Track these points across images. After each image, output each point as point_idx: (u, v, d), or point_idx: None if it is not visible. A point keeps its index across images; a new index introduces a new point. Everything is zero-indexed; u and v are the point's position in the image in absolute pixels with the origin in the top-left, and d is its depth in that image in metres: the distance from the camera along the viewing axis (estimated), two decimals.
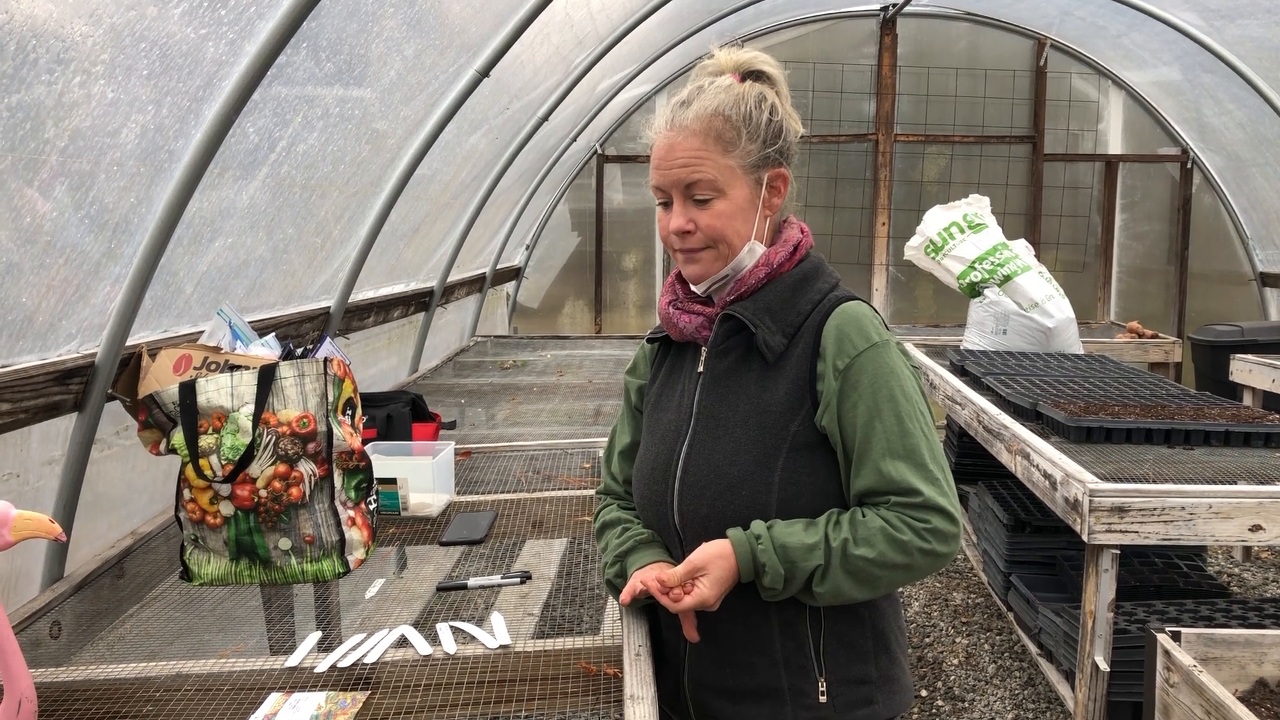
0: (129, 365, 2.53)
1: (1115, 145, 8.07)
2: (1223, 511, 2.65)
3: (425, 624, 1.99)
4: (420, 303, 5.38)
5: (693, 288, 1.74)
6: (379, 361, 4.90)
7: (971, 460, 4.84)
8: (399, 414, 3.20)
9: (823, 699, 1.66)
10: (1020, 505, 4.01)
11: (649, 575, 1.64)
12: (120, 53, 2.04)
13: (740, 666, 1.68)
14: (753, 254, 1.68)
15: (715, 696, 1.72)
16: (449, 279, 5.68)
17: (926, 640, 4.59)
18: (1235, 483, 2.77)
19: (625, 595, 1.68)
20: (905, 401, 1.60)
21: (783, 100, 1.71)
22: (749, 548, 1.58)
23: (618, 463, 1.90)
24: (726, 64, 1.70)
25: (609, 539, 1.82)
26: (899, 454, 1.58)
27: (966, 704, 3.99)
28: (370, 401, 3.29)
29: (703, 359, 1.73)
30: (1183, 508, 2.65)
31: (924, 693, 4.11)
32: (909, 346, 5.66)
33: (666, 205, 1.68)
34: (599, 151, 8.01)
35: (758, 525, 1.60)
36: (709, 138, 1.62)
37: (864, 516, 1.58)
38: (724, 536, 1.62)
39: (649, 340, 1.88)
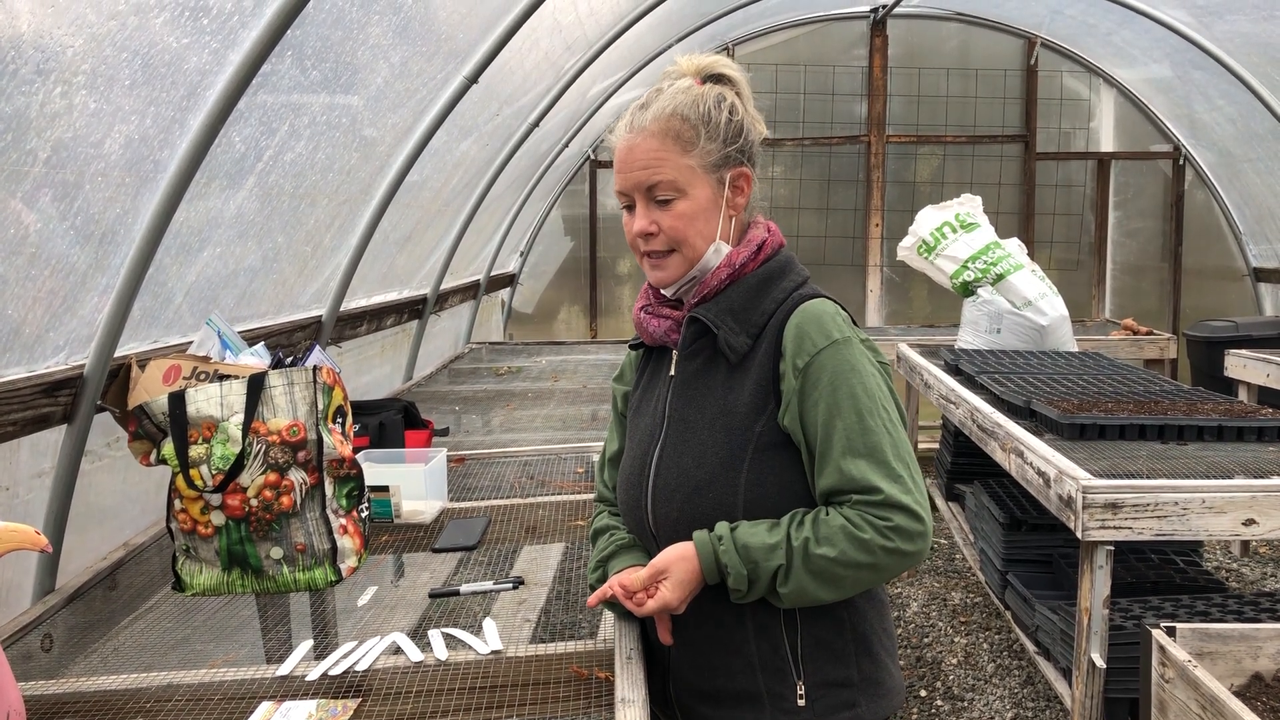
0: (118, 376, 2.52)
1: (1107, 143, 8.08)
2: (1216, 506, 2.65)
3: (419, 631, 1.99)
4: (414, 310, 5.37)
5: (662, 291, 1.76)
6: (372, 369, 4.89)
7: (967, 459, 4.84)
8: (391, 421, 3.20)
9: (801, 703, 1.64)
10: (1016, 504, 4.00)
11: (614, 580, 1.66)
12: (101, 63, 2.03)
13: (717, 670, 1.68)
14: (718, 254, 1.69)
15: (698, 700, 1.72)
16: (442, 286, 5.68)
17: (925, 640, 4.58)
18: (1229, 477, 2.77)
19: (592, 599, 1.70)
20: (866, 398, 1.59)
21: (744, 101, 1.71)
22: (711, 549, 1.58)
23: (608, 470, 1.92)
24: (687, 68, 1.71)
25: (600, 545, 1.84)
26: (860, 452, 1.56)
27: (966, 703, 3.99)
28: (362, 409, 3.29)
29: (673, 362, 1.74)
30: (1176, 503, 2.65)
31: (923, 693, 4.11)
32: (903, 347, 5.66)
33: (631, 209, 1.69)
34: (591, 157, 8.01)
35: (721, 526, 1.60)
36: (667, 138, 1.63)
37: (826, 515, 1.57)
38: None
39: (632, 347, 1.88)
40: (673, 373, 1.73)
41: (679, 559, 1.60)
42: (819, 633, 1.66)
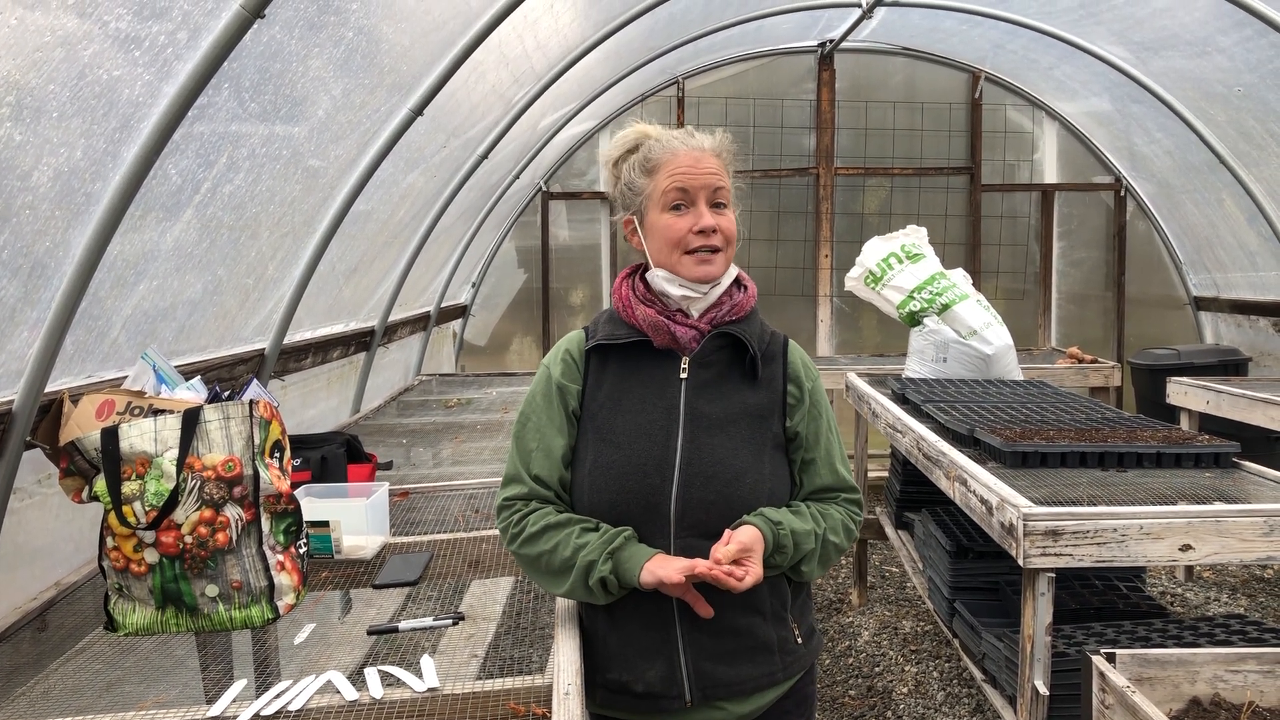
0: (50, 412, 2.47)
1: (1051, 175, 8.22)
2: (1154, 532, 2.68)
3: (360, 669, 1.95)
4: (361, 342, 5.32)
5: (692, 291, 1.94)
6: (318, 403, 4.83)
7: (915, 487, 4.86)
8: (333, 455, 3.16)
9: (799, 641, 2.01)
10: (963, 531, 4.03)
11: (700, 563, 1.78)
12: (27, 94, 2.00)
13: (740, 630, 1.93)
14: (730, 274, 1.99)
15: (715, 664, 1.91)
16: (391, 318, 5.64)
17: (876, 669, 4.58)
18: (1166, 503, 2.80)
19: (682, 577, 1.77)
20: (832, 418, 2.06)
21: None
22: (774, 532, 1.86)
23: (548, 466, 1.96)
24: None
25: (564, 539, 1.88)
26: (840, 460, 2.03)
27: None
28: (304, 443, 3.25)
29: (685, 366, 1.95)
30: (1115, 529, 2.68)
31: None
32: (851, 376, 5.68)
33: (678, 209, 1.92)
34: (543, 189, 8.02)
35: (772, 513, 1.89)
36: (722, 161, 1.96)
37: (829, 510, 1.99)
38: (725, 521, 1.86)
39: (587, 350, 1.99)
40: (684, 375, 1.95)
41: (756, 539, 1.82)
42: (801, 591, 2.05)
